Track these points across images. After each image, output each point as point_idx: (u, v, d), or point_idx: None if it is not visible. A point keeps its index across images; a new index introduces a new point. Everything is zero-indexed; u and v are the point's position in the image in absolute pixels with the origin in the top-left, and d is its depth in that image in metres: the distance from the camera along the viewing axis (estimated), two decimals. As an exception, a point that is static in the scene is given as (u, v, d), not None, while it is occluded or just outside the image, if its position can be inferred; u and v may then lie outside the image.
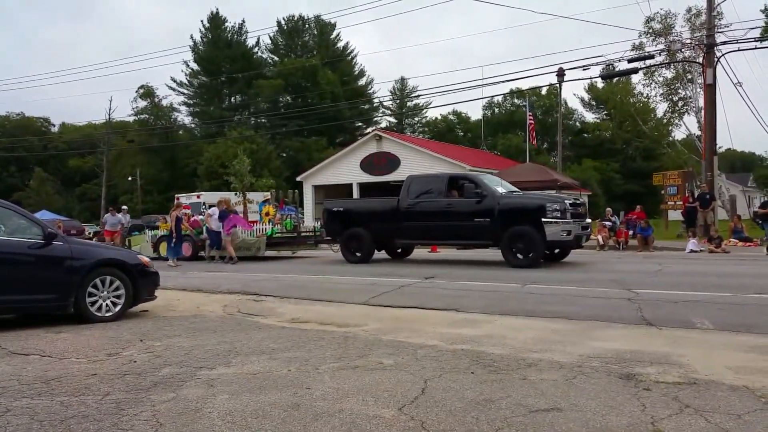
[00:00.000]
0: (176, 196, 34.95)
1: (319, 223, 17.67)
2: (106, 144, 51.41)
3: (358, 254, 13.66)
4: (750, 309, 6.54)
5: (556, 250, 12.62)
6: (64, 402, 3.75)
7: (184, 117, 59.60)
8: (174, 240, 15.28)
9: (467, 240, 12.80)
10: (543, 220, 11.31)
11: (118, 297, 6.90)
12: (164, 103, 55.15)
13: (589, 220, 12.91)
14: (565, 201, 11.88)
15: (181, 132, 58.46)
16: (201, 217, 17.05)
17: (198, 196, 32.88)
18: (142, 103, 53.74)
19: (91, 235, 32.08)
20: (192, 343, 5.46)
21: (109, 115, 52.61)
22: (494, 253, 15.60)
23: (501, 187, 12.88)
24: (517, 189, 13.57)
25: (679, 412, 3.30)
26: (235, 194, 25.90)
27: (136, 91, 53.33)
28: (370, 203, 15.47)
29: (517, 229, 11.50)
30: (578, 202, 12.58)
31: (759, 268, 11.04)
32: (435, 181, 13.29)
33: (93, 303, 6.71)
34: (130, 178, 50.27)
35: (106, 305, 6.81)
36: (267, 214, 17.44)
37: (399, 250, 14.78)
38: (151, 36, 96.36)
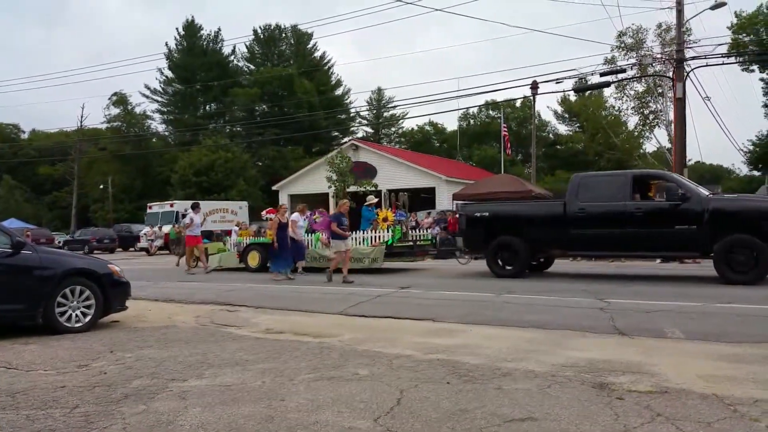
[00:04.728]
0: (148, 204, 34.49)
1: (428, 231, 16.09)
2: (77, 152, 50.42)
3: (509, 267, 11.68)
4: (719, 318, 6.68)
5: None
6: (30, 416, 3.64)
7: (157, 125, 58.91)
8: (275, 249, 13.01)
9: (664, 251, 10.99)
10: None
11: (88, 307, 6.74)
12: (138, 110, 54.41)
13: None
14: None
15: (154, 140, 57.66)
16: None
17: (171, 205, 32.48)
18: (115, 111, 52.91)
19: (60, 244, 31.32)
20: (164, 355, 5.36)
21: (81, 122, 51.76)
22: (468, 264, 15.66)
23: (702, 187, 11.14)
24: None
25: (651, 420, 3.35)
26: (336, 195, 22.55)
27: (109, 99, 52.49)
28: (525, 207, 13.13)
29: (736, 237, 9.63)
30: None
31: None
32: (615, 181, 11.19)
33: (62, 313, 6.55)
34: (102, 186, 49.34)
35: (76, 316, 6.65)
36: (385, 219, 15.04)
37: (542, 260, 12.94)
38: (125, 43, 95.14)
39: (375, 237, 14.62)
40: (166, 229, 28.81)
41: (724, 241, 9.70)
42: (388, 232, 14.57)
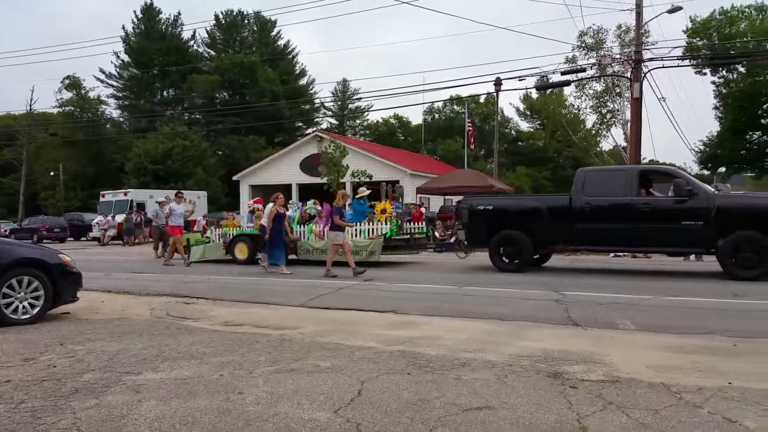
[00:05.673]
0: (101, 192, 33.44)
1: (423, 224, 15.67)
2: (26, 136, 48.40)
3: (512, 261, 11.52)
4: (668, 311, 6.93)
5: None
6: (-28, 411, 3.49)
7: (112, 110, 57.02)
8: (269, 240, 12.24)
9: (670, 246, 10.93)
10: None
11: (36, 298, 6.51)
12: (91, 95, 52.49)
13: None
14: None
15: (108, 126, 55.82)
16: (291, 214, 14.50)
17: (125, 193, 31.60)
18: (67, 95, 50.90)
19: (7, 233, 30.03)
20: (117, 348, 5.22)
21: (30, 105, 49.69)
22: (430, 256, 15.80)
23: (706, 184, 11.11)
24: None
25: (602, 408, 3.46)
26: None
27: (61, 82, 50.52)
28: (530, 201, 13.23)
29: (742, 234, 9.65)
30: None
31: (677, 272, 11.73)
32: (621, 176, 11.13)
33: (8, 305, 6.30)
34: (52, 173, 47.54)
35: (23, 307, 6.41)
36: (383, 211, 14.61)
37: (536, 256, 12.50)
38: (80, 25, 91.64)
39: (372, 229, 14.12)
40: (120, 218, 28.06)
41: (730, 238, 9.73)
42: (386, 224, 14.11)
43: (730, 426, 3.18)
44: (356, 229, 14.18)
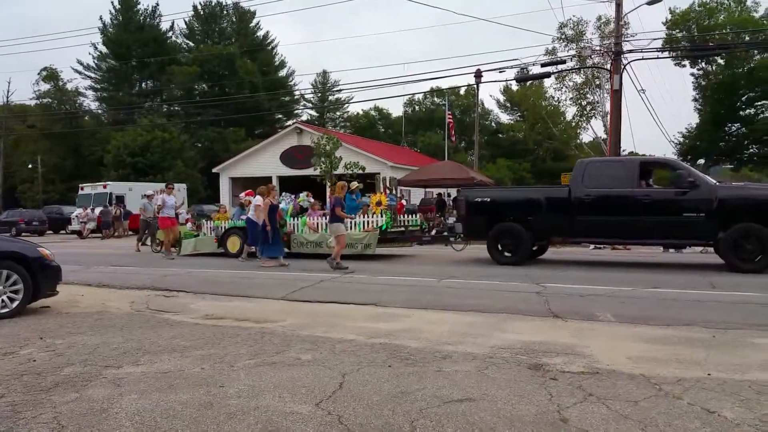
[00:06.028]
0: (80, 185, 32.87)
1: (417, 216, 15.75)
2: (3, 128, 47.37)
3: (510, 254, 11.40)
4: (648, 302, 7.04)
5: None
6: (-53, 408, 3.42)
7: (90, 102, 56.03)
8: (270, 233, 11.96)
9: (673, 239, 10.77)
10: None
11: (15, 292, 6.41)
12: (69, 87, 51.51)
13: None
14: None
15: (86, 118, 54.85)
16: (283, 206, 14.34)
17: (104, 186, 31.11)
18: (45, 86, 49.97)
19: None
20: (97, 341, 5.16)
21: (7, 97, 48.66)
22: (420, 249, 15.78)
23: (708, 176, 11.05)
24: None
25: (583, 400, 3.51)
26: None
27: (39, 74, 49.53)
28: (528, 192, 13.08)
29: (744, 226, 9.59)
30: None
31: (656, 264, 11.92)
32: (621, 168, 11.07)
33: (-15, 299, 6.19)
34: (30, 166, 46.61)
35: (2, 301, 6.32)
36: (379, 203, 14.60)
37: (535, 248, 12.29)
38: (57, 15, 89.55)
39: (368, 222, 13.95)
40: (99, 210, 27.69)
41: (732, 230, 9.67)
42: (381, 216, 13.91)
43: (709, 416, 3.24)
44: (351, 222, 13.89)
